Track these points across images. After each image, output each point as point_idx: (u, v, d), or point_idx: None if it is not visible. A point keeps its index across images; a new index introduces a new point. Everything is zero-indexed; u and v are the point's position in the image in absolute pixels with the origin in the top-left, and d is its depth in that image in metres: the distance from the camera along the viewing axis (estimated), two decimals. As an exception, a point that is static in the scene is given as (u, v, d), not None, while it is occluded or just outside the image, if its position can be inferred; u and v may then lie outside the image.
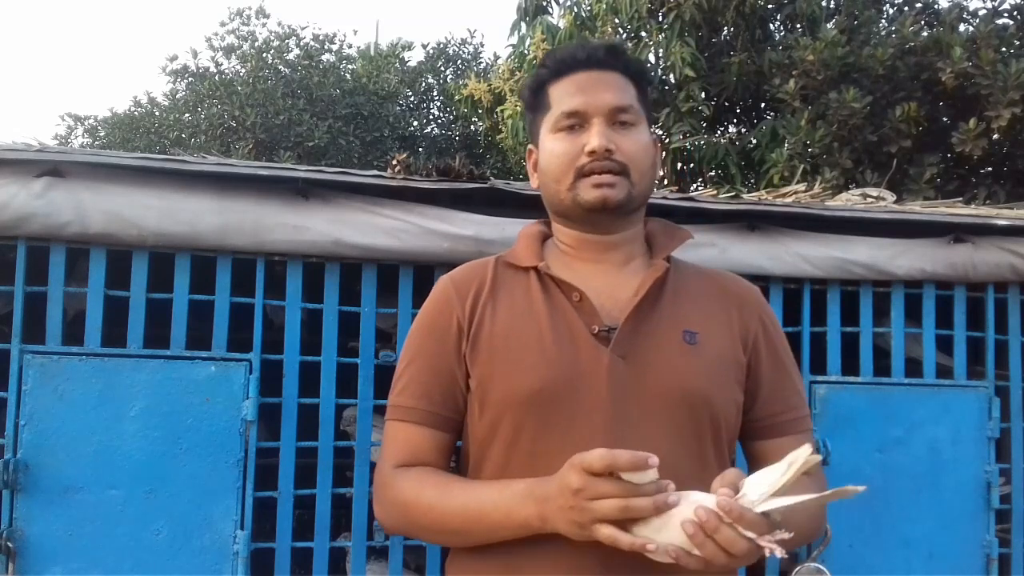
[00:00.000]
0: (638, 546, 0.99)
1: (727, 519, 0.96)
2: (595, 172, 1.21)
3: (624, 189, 1.22)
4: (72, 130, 12.85)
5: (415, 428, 1.24)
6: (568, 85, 1.25)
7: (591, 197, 1.21)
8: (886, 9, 6.42)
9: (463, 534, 1.18)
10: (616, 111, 1.23)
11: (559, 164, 1.23)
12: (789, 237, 2.35)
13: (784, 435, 1.28)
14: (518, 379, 1.18)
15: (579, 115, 1.23)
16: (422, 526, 1.22)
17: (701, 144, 6.18)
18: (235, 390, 2.06)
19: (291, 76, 10.98)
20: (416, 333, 1.30)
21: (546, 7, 7.23)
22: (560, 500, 1.04)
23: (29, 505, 1.95)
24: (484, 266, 1.32)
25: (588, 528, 1.02)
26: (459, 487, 1.19)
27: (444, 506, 1.17)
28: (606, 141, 1.20)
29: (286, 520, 2.12)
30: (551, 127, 1.26)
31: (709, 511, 0.96)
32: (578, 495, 1.01)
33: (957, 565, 2.38)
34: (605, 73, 1.25)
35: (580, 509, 1.01)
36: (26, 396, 1.98)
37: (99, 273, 2.05)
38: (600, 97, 1.23)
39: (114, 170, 2.03)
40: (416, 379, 1.26)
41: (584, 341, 1.19)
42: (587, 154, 1.21)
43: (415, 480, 1.21)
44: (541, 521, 1.08)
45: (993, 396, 2.46)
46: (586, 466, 1.00)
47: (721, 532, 0.95)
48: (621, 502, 0.99)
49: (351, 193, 2.15)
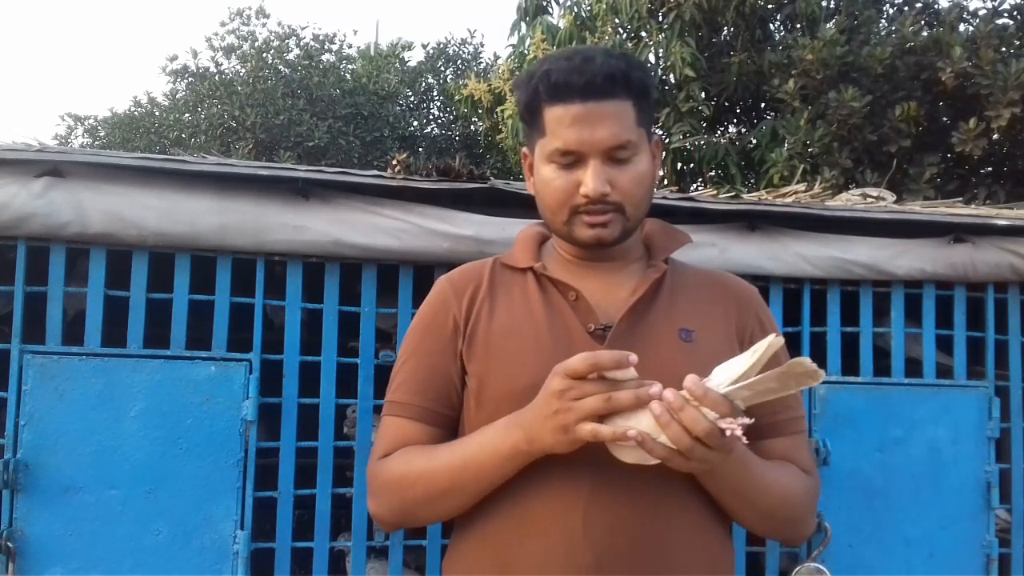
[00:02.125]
0: (619, 435, 1.02)
1: (692, 401, 1.00)
2: (591, 214, 1.20)
3: (618, 226, 1.21)
4: (72, 130, 12.86)
5: (409, 423, 1.26)
6: (564, 116, 1.18)
7: (585, 236, 1.21)
8: (886, 9, 6.42)
9: (456, 489, 1.18)
10: (614, 148, 1.18)
11: (554, 199, 1.22)
12: (789, 237, 2.35)
13: (780, 435, 1.28)
14: (514, 375, 1.19)
15: (574, 154, 1.19)
16: (414, 499, 1.22)
17: (701, 144, 6.17)
18: (235, 390, 2.06)
19: (291, 76, 10.98)
20: (413, 332, 1.32)
21: (546, 7, 7.23)
22: (544, 409, 1.07)
23: (29, 505, 1.95)
24: (482, 267, 1.33)
25: (572, 430, 1.04)
26: (444, 448, 1.22)
27: (432, 467, 1.19)
28: (601, 185, 1.17)
29: (286, 520, 2.12)
30: (547, 156, 1.22)
31: (675, 392, 1.01)
32: (563, 396, 1.04)
33: (957, 565, 2.38)
34: (603, 104, 1.17)
35: (565, 410, 1.04)
36: (26, 396, 1.98)
37: (99, 273, 2.05)
38: (597, 135, 1.17)
39: (114, 170, 2.03)
40: (412, 376, 1.27)
41: (580, 339, 1.20)
42: (582, 195, 1.19)
43: (400, 458, 1.23)
44: (528, 443, 1.10)
45: (993, 396, 2.45)
46: (570, 370, 1.04)
47: (686, 411, 1.00)
48: (605, 394, 1.03)
49: (351, 193, 2.15)
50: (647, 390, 1.02)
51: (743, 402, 1.02)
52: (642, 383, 1.03)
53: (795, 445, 1.29)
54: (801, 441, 1.31)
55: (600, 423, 1.03)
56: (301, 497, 2.14)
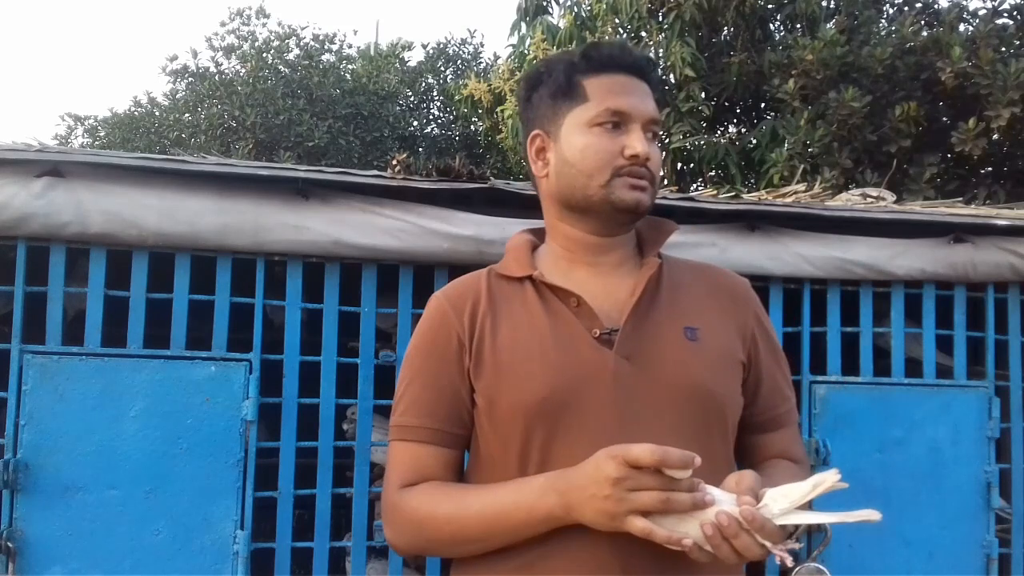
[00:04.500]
0: (674, 540, 1.00)
1: (747, 526, 0.99)
2: (633, 176, 1.21)
3: (651, 197, 1.23)
4: (72, 130, 12.84)
5: (421, 447, 1.22)
6: (612, 84, 1.23)
7: (629, 198, 1.21)
8: (886, 9, 6.42)
9: (484, 540, 1.16)
10: (652, 122, 1.23)
11: (597, 160, 1.21)
12: (789, 237, 2.35)
13: (780, 428, 1.29)
14: (525, 389, 1.17)
15: (623, 115, 1.21)
16: (439, 540, 1.19)
17: (701, 144, 6.17)
18: (235, 390, 2.06)
19: (291, 76, 10.96)
20: (415, 353, 1.27)
21: (546, 7, 7.23)
22: (593, 489, 1.04)
23: (29, 505, 1.95)
24: (476, 279, 1.30)
25: (620, 519, 1.02)
26: (474, 494, 1.17)
27: (462, 516, 1.15)
28: (647, 148, 1.21)
29: (286, 520, 2.12)
30: (588, 120, 1.23)
31: (731, 517, 0.99)
32: (617, 485, 1.01)
33: (957, 565, 2.39)
34: (642, 82, 1.25)
35: (618, 499, 1.01)
36: (26, 396, 1.98)
37: (99, 273, 2.05)
38: (645, 103, 1.23)
39: (114, 170, 2.03)
40: (419, 398, 1.24)
41: (587, 345, 1.18)
42: (628, 157, 1.20)
43: (426, 496, 1.19)
44: (565, 511, 1.07)
45: (993, 396, 2.46)
46: (632, 459, 1.00)
47: (740, 538, 0.99)
48: (663, 495, 1.00)
49: (351, 193, 2.15)
50: (703, 496, 1.01)
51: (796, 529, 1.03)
52: (693, 483, 1.02)
53: (789, 437, 1.31)
54: (795, 430, 1.34)
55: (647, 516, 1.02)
56: (301, 497, 2.14)
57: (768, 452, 1.29)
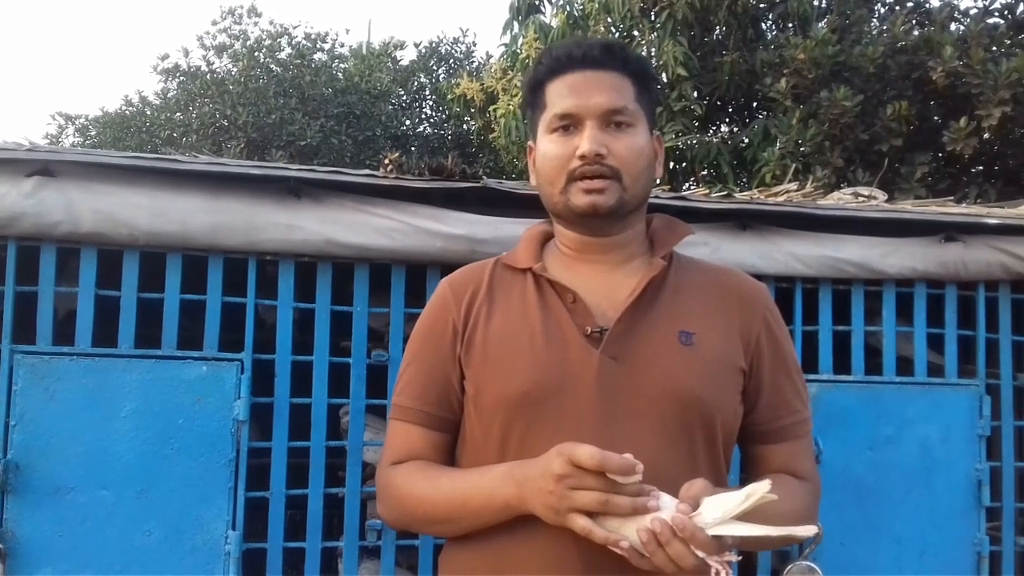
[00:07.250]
0: (611, 541, 1.01)
1: (680, 534, 0.98)
2: (585, 177, 1.19)
3: (615, 194, 1.20)
4: (63, 129, 12.79)
5: (415, 429, 1.27)
6: (562, 86, 1.22)
7: (581, 203, 1.20)
8: (877, 8, 6.43)
9: (452, 522, 1.20)
10: (610, 113, 1.20)
11: (551, 167, 1.22)
12: (781, 236, 2.35)
13: (784, 440, 1.27)
14: (508, 381, 1.18)
15: (571, 117, 1.20)
16: (417, 518, 1.25)
17: (693, 143, 6.18)
18: (227, 390, 2.06)
19: (283, 75, 10.93)
20: (416, 336, 1.32)
21: (539, 6, 7.22)
22: (540, 483, 1.06)
23: (20, 506, 1.94)
24: (483, 268, 1.32)
25: (563, 515, 1.04)
26: (447, 477, 1.21)
27: (433, 496, 1.20)
28: (596, 145, 1.17)
29: (278, 520, 2.11)
30: (546, 127, 1.24)
31: (664, 523, 0.99)
32: (560, 481, 1.03)
33: (948, 563, 2.39)
34: (601, 73, 1.21)
35: (560, 495, 1.03)
36: (16, 396, 1.97)
37: (90, 273, 2.04)
38: (593, 99, 1.19)
39: (105, 169, 2.02)
40: (415, 380, 1.28)
41: (575, 343, 1.18)
42: (578, 158, 1.19)
43: (407, 474, 1.24)
44: (519, 501, 1.10)
45: (984, 394, 2.47)
46: (575, 459, 1.02)
47: (672, 546, 0.99)
48: (602, 496, 1.01)
49: (343, 192, 2.15)
50: (645, 502, 1.01)
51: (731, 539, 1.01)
52: (642, 489, 1.02)
53: (796, 450, 1.28)
54: (804, 445, 1.29)
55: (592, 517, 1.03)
56: (293, 497, 2.14)
57: (771, 464, 1.27)
